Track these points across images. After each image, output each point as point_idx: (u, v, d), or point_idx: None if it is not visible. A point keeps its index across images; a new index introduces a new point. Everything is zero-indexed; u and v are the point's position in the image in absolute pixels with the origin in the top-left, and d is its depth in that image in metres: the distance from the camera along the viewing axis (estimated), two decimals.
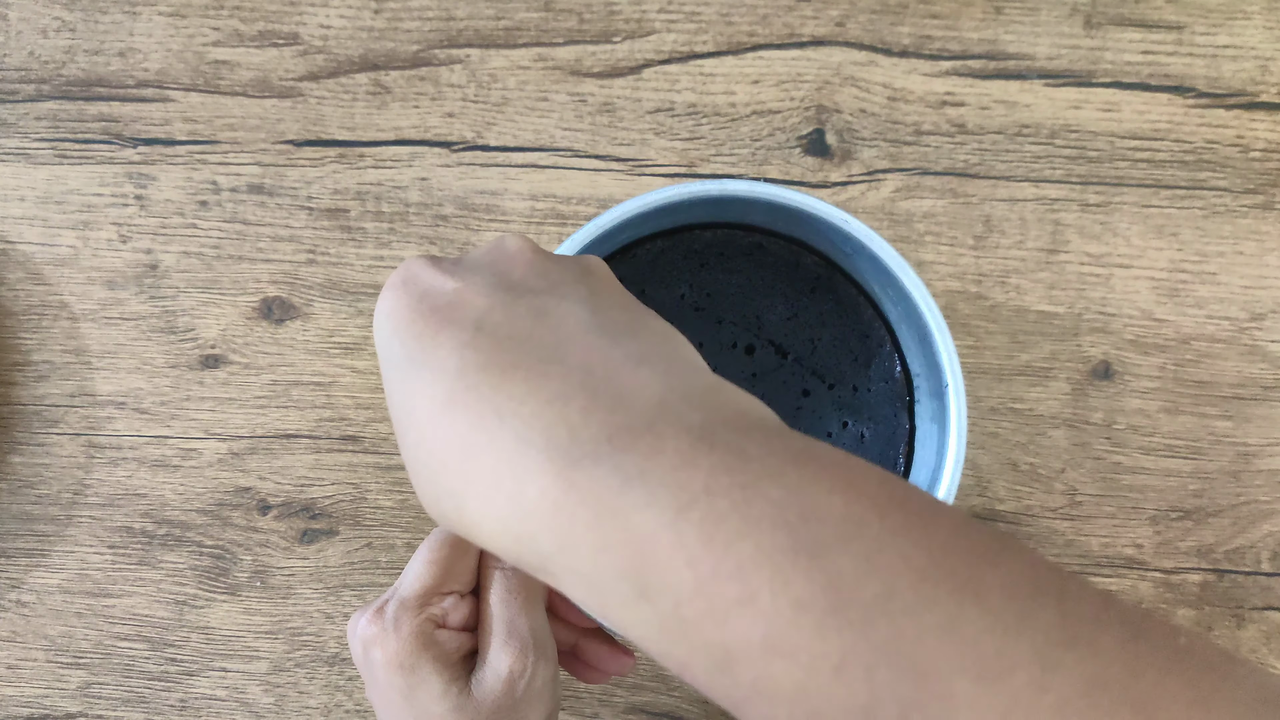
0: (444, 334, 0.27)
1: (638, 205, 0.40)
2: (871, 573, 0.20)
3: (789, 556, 0.21)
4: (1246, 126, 0.51)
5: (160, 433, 0.53)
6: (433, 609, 0.35)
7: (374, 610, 0.35)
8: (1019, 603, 0.20)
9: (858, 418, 0.44)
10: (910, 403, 0.45)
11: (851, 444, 0.44)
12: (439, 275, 0.29)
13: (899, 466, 0.44)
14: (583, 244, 0.40)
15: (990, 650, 0.20)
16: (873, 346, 0.45)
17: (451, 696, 0.35)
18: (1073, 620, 0.20)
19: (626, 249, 0.44)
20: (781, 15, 0.52)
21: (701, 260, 0.45)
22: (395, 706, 0.35)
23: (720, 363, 0.44)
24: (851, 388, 0.44)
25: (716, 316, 0.44)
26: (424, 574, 0.36)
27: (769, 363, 0.44)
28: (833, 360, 0.44)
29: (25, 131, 0.53)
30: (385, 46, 0.52)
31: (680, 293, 0.44)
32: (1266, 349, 0.51)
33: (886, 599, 0.20)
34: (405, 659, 0.34)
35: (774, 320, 0.44)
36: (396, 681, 0.35)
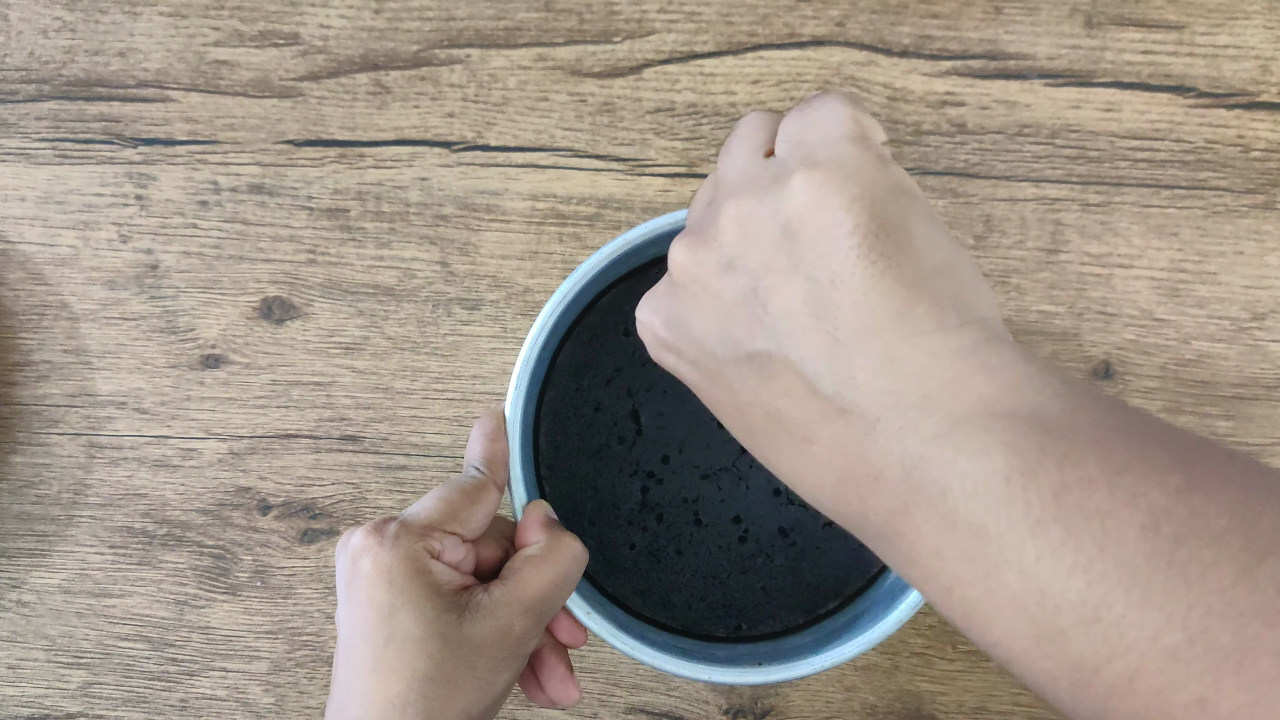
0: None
1: (666, 222, 0.40)
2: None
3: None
4: (1247, 126, 0.51)
5: (160, 433, 0.53)
6: (432, 540, 0.36)
7: (373, 525, 0.36)
8: None
9: None
10: None
11: None
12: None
13: None
14: (613, 257, 0.40)
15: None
16: None
17: (440, 624, 0.34)
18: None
19: (650, 264, 0.44)
20: (781, 15, 0.52)
21: None
22: (368, 623, 0.35)
23: None
24: None
25: None
26: (432, 508, 0.37)
27: None
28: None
29: (26, 131, 0.53)
30: (385, 46, 0.52)
31: None
32: (1267, 349, 0.51)
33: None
34: (395, 575, 0.34)
35: None
36: (379, 596, 0.34)
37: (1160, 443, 0.22)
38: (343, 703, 0.35)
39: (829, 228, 0.25)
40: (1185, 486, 0.20)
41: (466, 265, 0.52)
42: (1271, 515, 0.20)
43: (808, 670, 0.39)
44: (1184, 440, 0.22)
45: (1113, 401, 0.23)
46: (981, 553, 0.22)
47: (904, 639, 0.52)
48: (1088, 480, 0.21)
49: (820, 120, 0.27)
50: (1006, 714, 0.52)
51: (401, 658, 0.34)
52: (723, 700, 0.52)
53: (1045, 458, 0.21)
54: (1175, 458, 0.21)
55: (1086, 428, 0.22)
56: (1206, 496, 0.20)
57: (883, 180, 0.26)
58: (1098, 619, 0.20)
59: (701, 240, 0.27)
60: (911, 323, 0.24)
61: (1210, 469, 0.21)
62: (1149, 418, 0.23)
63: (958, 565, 0.22)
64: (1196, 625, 0.19)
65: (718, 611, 0.44)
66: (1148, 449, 0.21)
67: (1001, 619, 0.22)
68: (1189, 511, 0.20)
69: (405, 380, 0.52)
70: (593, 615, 0.39)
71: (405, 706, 0.33)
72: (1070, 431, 0.22)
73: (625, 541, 0.44)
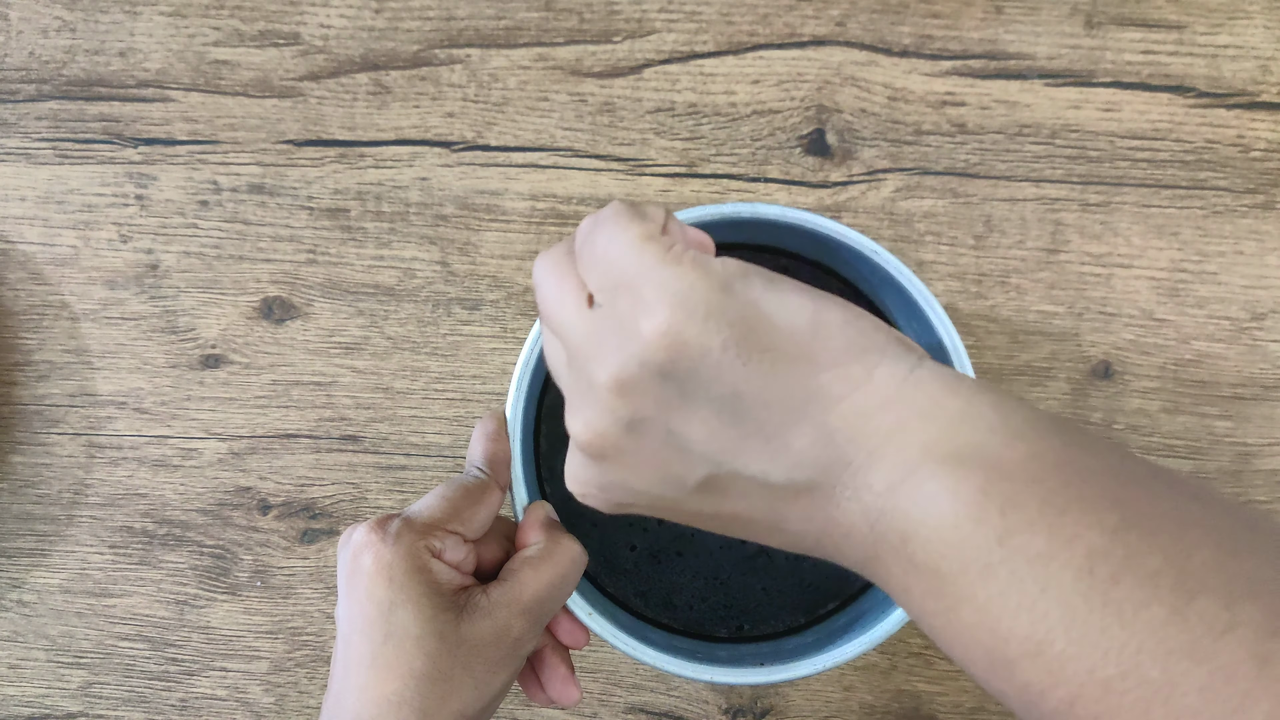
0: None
1: None
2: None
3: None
4: (1247, 126, 0.51)
5: (161, 432, 0.53)
6: (433, 539, 0.36)
7: (375, 521, 0.36)
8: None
9: None
10: None
11: None
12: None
13: None
14: None
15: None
16: None
17: (439, 623, 0.34)
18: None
19: None
20: (782, 15, 0.52)
21: None
22: (367, 619, 0.35)
23: None
24: None
25: None
26: (435, 507, 0.37)
27: None
28: None
29: (26, 131, 0.53)
30: (386, 46, 0.52)
31: None
32: (1267, 349, 0.51)
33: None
34: (395, 572, 0.35)
35: None
36: (379, 593, 0.35)
37: (1098, 478, 0.23)
38: (339, 697, 0.35)
39: (700, 357, 0.25)
40: (1121, 525, 0.22)
41: (467, 265, 0.52)
42: (1204, 554, 0.21)
43: (809, 670, 0.39)
44: (1122, 470, 0.24)
45: (1049, 427, 0.25)
46: (941, 591, 0.24)
47: (902, 639, 0.52)
48: (1029, 524, 0.23)
49: (613, 256, 0.27)
50: (1006, 714, 0.52)
51: (399, 655, 0.34)
52: (722, 700, 0.52)
53: (988, 502, 0.23)
54: (1112, 495, 0.23)
55: (1025, 464, 0.24)
56: (1141, 535, 0.22)
57: (713, 283, 0.26)
58: (1041, 653, 0.22)
59: (594, 413, 0.28)
60: (826, 394, 0.26)
61: (1147, 504, 0.23)
62: (1087, 443, 0.25)
63: (923, 600, 0.25)
64: (1129, 661, 0.21)
65: (719, 612, 0.44)
66: (1086, 487, 0.23)
67: (962, 645, 0.24)
68: (1124, 552, 0.22)
69: (405, 380, 0.52)
70: (594, 615, 0.39)
71: (401, 704, 0.34)
72: (1010, 470, 0.23)
73: (626, 543, 0.44)
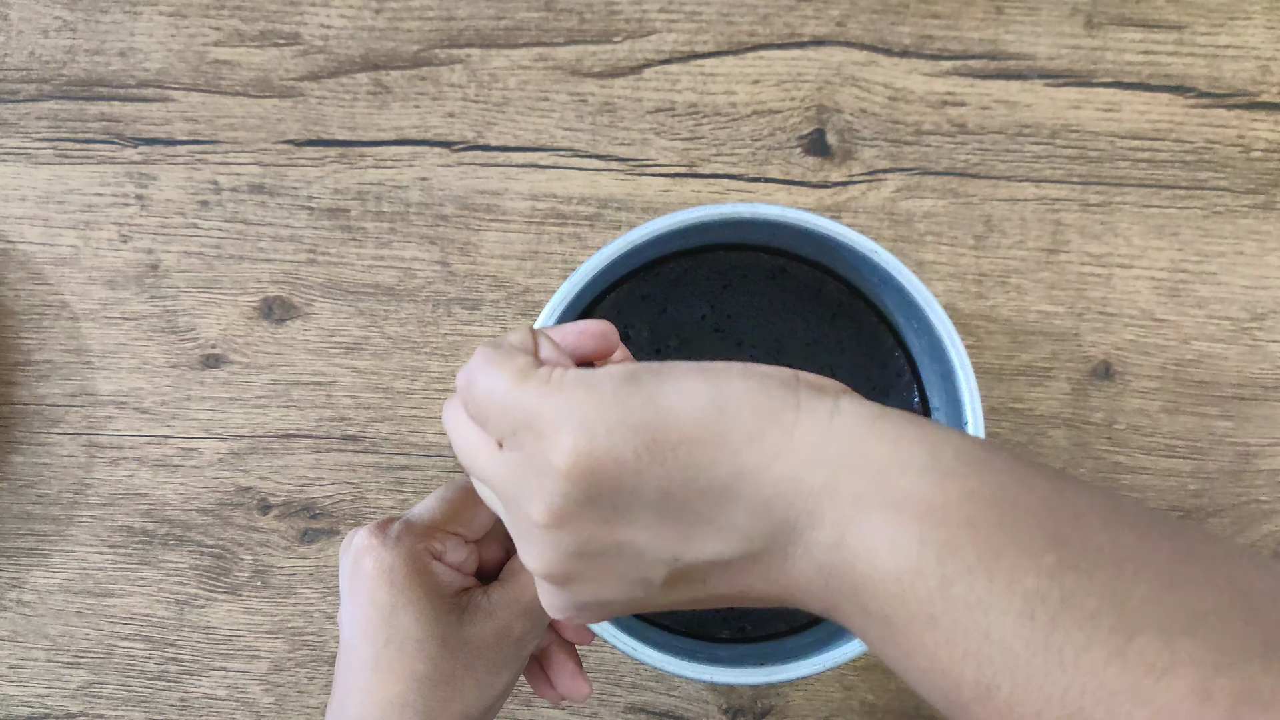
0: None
1: (667, 224, 0.40)
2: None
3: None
4: (1247, 126, 0.51)
5: (161, 432, 0.53)
6: (434, 541, 0.36)
7: (376, 525, 0.36)
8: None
9: None
10: None
11: None
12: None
13: None
14: (613, 258, 0.40)
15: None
16: (891, 376, 0.45)
17: (440, 626, 0.35)
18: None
19: (650, 266, 0.44)
20: (782, 15, 0.52)
21: (725, 281, 0.45)
22: (369, 623, 0.35)
23: None
24: None
25: (736, 339, 0.44)
26: (435, 509, 0.37)
27: None
28: (850, 387, 0.44)
29: (26, 131, 0.53)
30: (386, 46, 0.52)
31: (701, 313, 0.44)
32: (1267, 349, 0.51)
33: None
34: (397, 575, 0.35)
35: (794, 345, 0.44)
36: (380, 596, 0.35)
37: (1033, 515, 0.24)
38: (342, 701, 0.35)
39: (618, 473, 0.26)
40: (1058, 566, 0.22)
41: (467, 265, 0.52)
42: (1142, 589, 0.22)
43: (809, 670, 0.39)
44: (1058, 503, 0.24)
45: (981, 459, 0.25)
46: (893, 638, 0.24)
47: None
48: (968, 570, 0.23)
49: (498, 404, 0.27)
50: None
51: (401, 658, 0.34)
52: (723, 700, 0.52)
53: (925, 550, 0.23)
54: (1049, 533, 0.23)
55: (959, 505, 0.24)
56: (1078, 575, 0.22)
57: (603, 399, 0.26)
58: (990, 698, 0.22)
59: (540, 548, 0.28)
60: (753, 468, 0.26)
61: (1083, 540, 0.23)
62: (1021, 474, 0.25)
63: (881, 645, 0.25)
64: (1074, 705, 0.21)
65: (721, 613, 0.44)
66: (1020, 525, 0.23)
67: (921, 687, 0.25)
68: (1061, 594, 0.22)
69: (405, 380, 0.52)
70: None
71: (404, 707, 0.34)
72: (944, 514, 0.24)
73: None
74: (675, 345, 0.44)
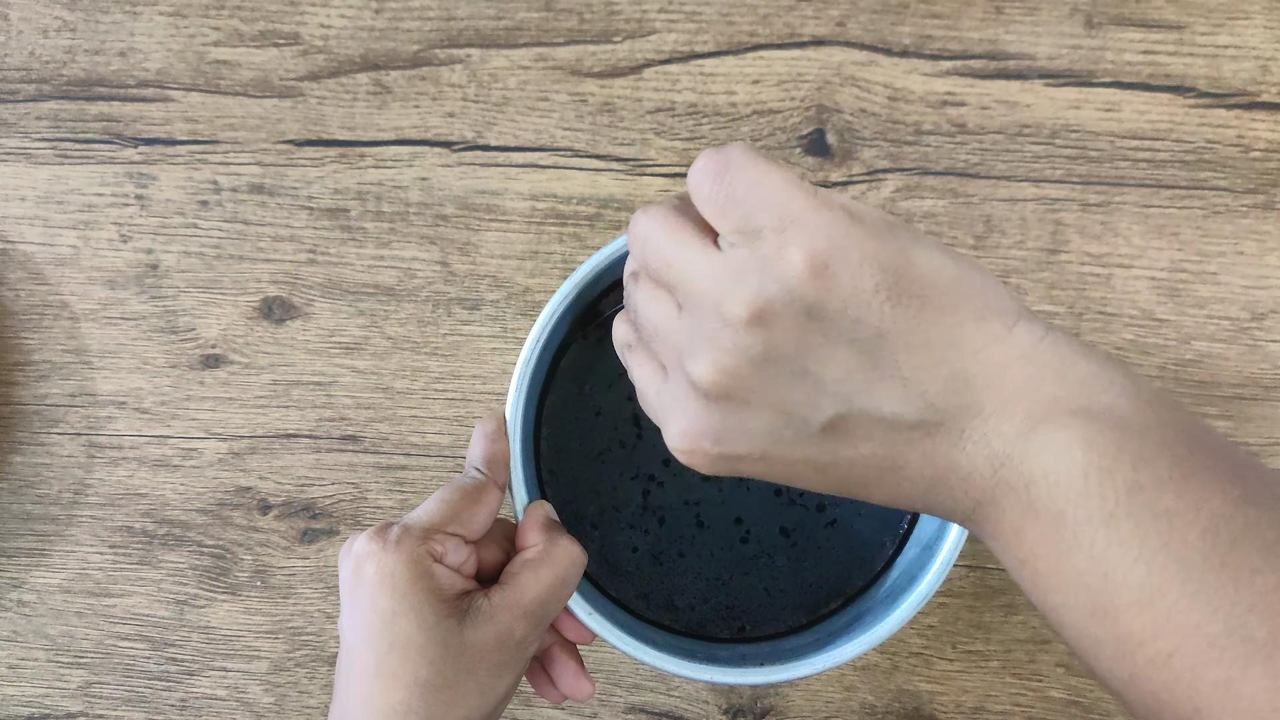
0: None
1: None
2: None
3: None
4: (1247, 126, 0.51)
5: (161, 432, 0.53)
6: (435, 543, 0.36)
7: (376, 530, 0.36)
8: None
9: None
10: None
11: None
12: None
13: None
14: (610, 258, 0.40)
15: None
16: None
17: (441, 630, 0.34)
18: None
19: None
20: (782, 15, 0.52)
21: None
22: (371, 629, 0.35)
23: None
24: None
25: None
26: (434, 510, 0.37)
27: None
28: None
29: (26, 131, 0.53)
30: (386, 46, 0.52)
31: None
32: (1267, 349, 0.51)
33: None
34: (398, 580, 0.34)
35: None
36: (382, 602, 0.34)
37: (1219, 453, 0.25)
38: (344, 707, 0.35)
39: (850, 297, 0.26)
40: (1242, 499, 0.23)
41: (467, 265, 0.52)
42: None
43: (809, 670, 0.39)
44: (1235, 453, 0.25)
45: (1173, 403, 0.26)
46: (1058, 535, 0.24)
47: (903, 639, 0.52)
48: (1158, 481, 0.24)
49: (761, 196, 0.27)
50: (1005, 714, 0.52)
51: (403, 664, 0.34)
52: (722, 700, 0.52)
53: (1121, 455, 0.24)
54: (1233, 470, 0.24)
55: (1155, 429, 0.25)
56: (1260, 510, 0.23)
57: (866, 229, 0.26)
58: (1151, 603, 0.23)
59: (723, 350, 0.27)
60: (967, 343, 0.26)
61: (1261, 485, 0.24)
62: (1204, 424, 0.26)
63: (1035, 544, 0.25)
64: (1237, 620, 0.22)
65: (721, 613, 0.44)
66: (1210, 458, 0.24)
67: (1066, 590, 0.25)
68: (1245, 522, 0.23)
69: (405, 380, 0.52)
70: (594, 616, 0.39)
71: (407, 713, 0.34)
72: (1141, 431, 0.24)
73: (627, 545, 0.44)
74: None
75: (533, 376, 0.40)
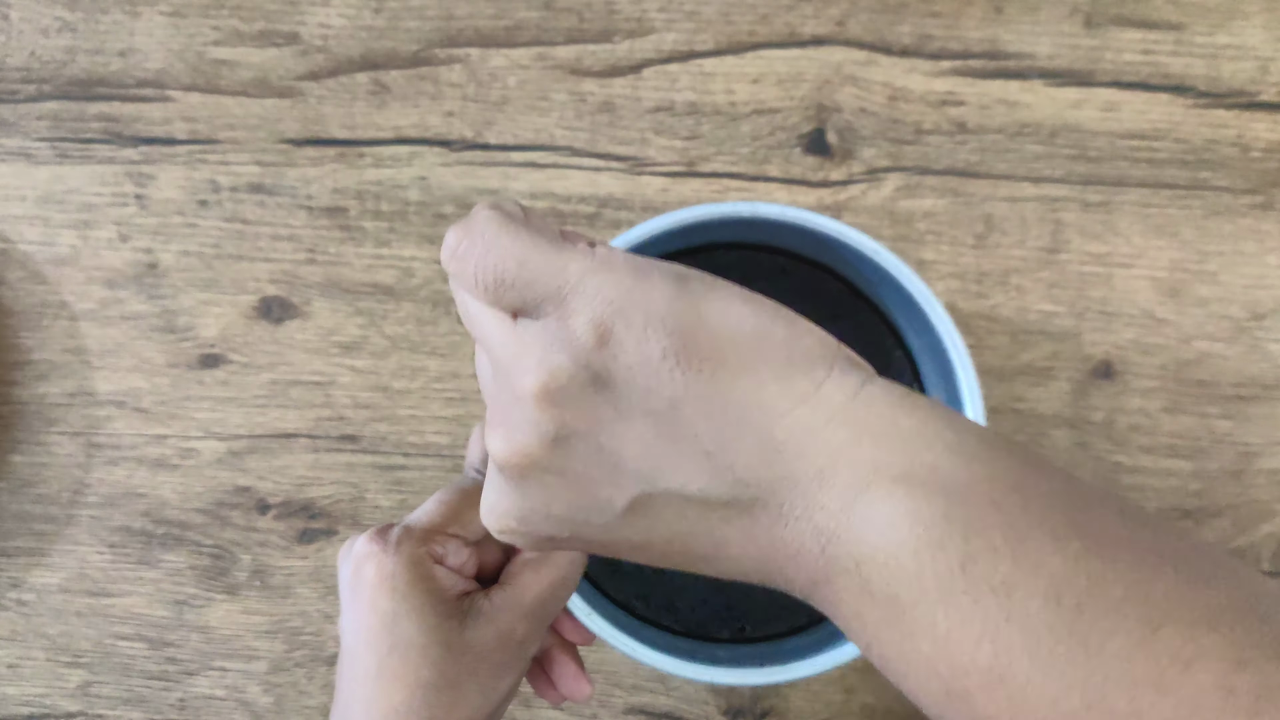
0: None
1: (667, 223, 0.40)
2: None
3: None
4: (1246, 126, 0.51)
5: (159, 432, 0.53)
6: (435, 544, 0.36)
7: (376, 531, 0.36)
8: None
9: None
10: None
11: None
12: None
13: None
14: None
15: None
16: (892, 375, 0.44)
17: (443, 631, 0.34)
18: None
19: None
20: (781, 14, 0.52)
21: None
22: (371, 631, 0.34)
23: None
24: None
25: None
26: (434, 511, 0.37)
27: None
28: None
29: (26, 131, 0.53)
30: (385, 45, 0.52)
31: None
32: (1267, 348, 0.51)
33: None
34: (399, 581, 0.34)
35: None
36: (382, 604, 0.34)
37: (1055, 502, 0.23)
38: (346, 709, 0.35)
39: (638, 364, 0.24)
40: (1083, 552, 0.22)
41: None
42: (1164, 582, 0.21)
43: (809, 671, 0.39)
44: (1076, 494, 0.23)
45: (1003, 449, 0.24)
46: (897, 620, 0.23)
47: None
48: (992, 549, 0.22)
49: (528, 269, 0.25)
50: None
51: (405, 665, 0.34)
52: (722, 701, 0.52)
53: (950, 526, 0.22)
54: (1071, 521, 0.22)
55: (983, 487, 0.23)
56: (1103, 561, 0.21)
57: (652, 288, 0.24)
58: (1003, 682, 0.21)
59: (516, 426, 0.25)
60: (771, 406, 0.24)
61: (1104, 530, 0.22)
62: (1039, 466, 0.24)
63: (876, 629, 0.23)
64: (1095, 693, 0.20)
65: (721, 614, 0.44)
66: (1045, 511, 0.22)
67: (916, 676, 0.23)
68: (1088, 580, 0.21)
69: (404, 380, 0.52)
70: (593, 616, 0.39)
71: (408, 714, 0.33)
72: (969, 494, 0.23)
73: None
74: None
75: None
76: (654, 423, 0.24)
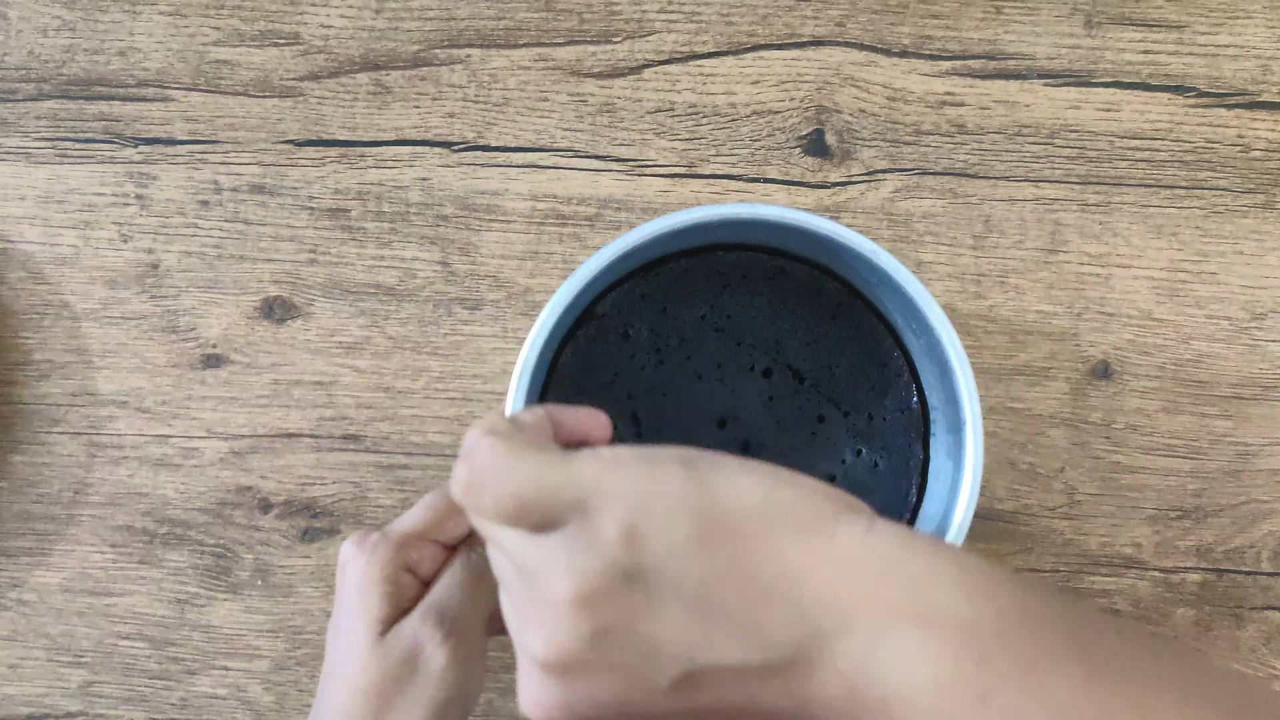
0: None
1: (667, 224, 0.40)
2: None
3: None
4: (1247, 126, 0.51)
5: (162, 432, 0.53)
6: (411, 551, 0.37)
7: (360, 535, 0.38)
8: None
9: (872, 446, 0.44)
10: (925, 434, 0.45)
11: (865, 472, 0.44)
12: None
13: (910, 497, 0.44)
14: (613, 258, 0.40)
15: None
16: (890, 376, 0.45)
17: (371, 636, 0.36)
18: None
19: (650, 266, 0.44)
20: (781, 15, 0.52)
21: (724, 282, 0.45)
22: (337, 631, 0.37)
23: (737, 385, 0.44)
24: (867, 416, 0.44)
25: (736, 338, 0.44)
26: (419, 516, 0.38)
27: (786, 387, 0.44)
28: (849, 387, 0.44)
29: (26, 131, 0.53)
30: (386, 46, 0.52)
31: (701, 313, 0.44)
32: (1266, 349, 0.51)
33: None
34: (364, 584, 0.36)
35: (793, 345, 0.44)
36: (350, 603, 0.36)
37: (1057, 629, 0.25)
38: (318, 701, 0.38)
39: (665, 553, 0.25)
40: (1088, 677, 0.24)
41: (467, 265, 0.52)
42: (1164, 704, 0.24)
43: None
44: (1077, 618, 0.26)
45: (1004, 579, 0.26)
46: None
47: None
48: (1003, 679, 0.24)
49: (547, 491, 0.26)
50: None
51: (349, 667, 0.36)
52: None
53: (963, 661, 0.24)
54: (1073, 646, 0.25)
55: (992, 621, 0.25)
56: (1104, 686, 0.24)
57: (665, 477, 0.26)
58: None
59: (554, 628, 0.26)
60: (792, 568, 0.26)
61: (1105, 654, 0.25)
62: (1039, 592, 0.26)
63: None
64: None
65: None
66: (1051, 638, 0.25)
67: None
68: (1091, 705, 0.24)
69: (406, 380, 0.52)
70: None
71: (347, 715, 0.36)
72: (978, 628, 0.25)
73: None
74: (675, 344, 0.44)
75: (532, 376, 0.40)
76: (687, 604, 0.26)
